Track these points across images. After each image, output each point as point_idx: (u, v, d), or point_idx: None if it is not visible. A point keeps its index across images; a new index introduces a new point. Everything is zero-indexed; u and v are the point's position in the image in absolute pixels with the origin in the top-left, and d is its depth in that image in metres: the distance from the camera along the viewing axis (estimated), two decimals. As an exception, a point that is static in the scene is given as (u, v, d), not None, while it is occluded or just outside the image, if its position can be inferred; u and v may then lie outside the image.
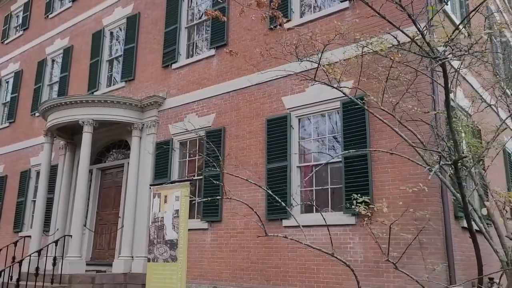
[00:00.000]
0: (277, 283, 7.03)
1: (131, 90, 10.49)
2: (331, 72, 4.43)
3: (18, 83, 14.31)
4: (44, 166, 10.52)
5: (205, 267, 8.00)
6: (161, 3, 10.39)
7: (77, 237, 8.91)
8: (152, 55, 10.27)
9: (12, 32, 15.73)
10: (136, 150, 9.59)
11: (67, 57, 12.65)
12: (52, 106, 9.79)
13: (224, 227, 7.92)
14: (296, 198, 7.15)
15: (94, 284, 8.48)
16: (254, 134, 7.91)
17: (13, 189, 12.93)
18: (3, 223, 12.97)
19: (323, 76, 5.59)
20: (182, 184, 6.50)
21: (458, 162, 3.06)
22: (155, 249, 6.53)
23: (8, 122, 14.13)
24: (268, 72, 7.36)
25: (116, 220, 10.09)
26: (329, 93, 6.73)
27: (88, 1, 12.58)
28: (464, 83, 7.15)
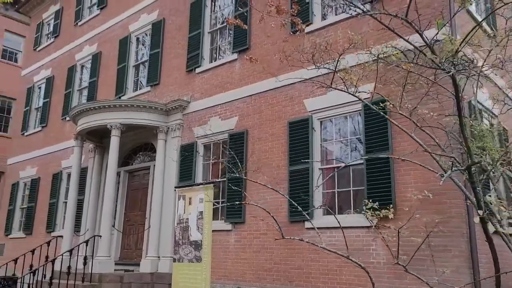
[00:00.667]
0: (300, 284, 7.11)
1: (156, 94, 10.77)
2: (348, 78, 4.48)
3: (50, 88, 14.86)
4: (74, 169, 10.91)
5: (229, 267, 8.15)
6: (185, 9, 10.62)
7: (106, 237, 9.22)
8: (176, 59, 10.51)
9: (44, 39, 16.33)
10: (162, 153, 9.84)
11: (95, 63, 13.06)
12: (82, 111, 10.16)
13: (247, 228, 8.05)
14: (319, 200, 7.22)
15: (123, 283, 8.75)
16: (276, 137, 8.01)
17: (46, 191, 13.44)
18: (36, 224, 13.48)
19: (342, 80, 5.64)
20: (206, 186, 6.66)
21: (472, 167, 3.08)
22: (180, 249, 6.72)
23: (41, 126, 14.69)
24: (289, 75, 7.44)
25: (143, 221, 10.37)
26: (350, 96, 6.75)
27: (115, 9, 12.96)
28: (489, 83, 7.05)
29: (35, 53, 16.47)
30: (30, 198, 14.10)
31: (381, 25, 6.43)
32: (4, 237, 14.77)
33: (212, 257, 8.18)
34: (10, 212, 14.81)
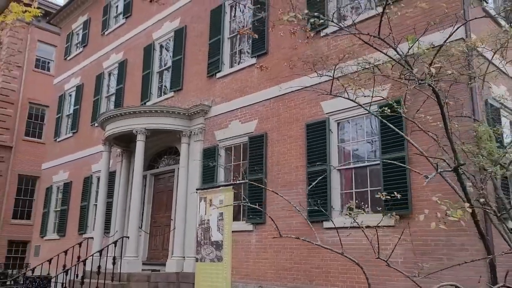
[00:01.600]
0: (320, 283, 7.24)
1: (179, 100, 11.11)
2: (349, 84, 4.61)
3: (80, 96, 15.49)
4: (103, 173, 11.37)
5: (251, 267, 8.36)
6: (205, 16, 10.91)
7: (133, 238, 9.60)
8: (198, 65, 10.82)
9: (74, 49, 17.02)
10: (185, 156, 10.16)
11: (121, 70, 13.56)
12: (109, 117, 10.60)
13: (268, 228, 8.24)
14: (337, 200, 7.34)
15: (150, 282, 9.10)
16: (294, 139, 8.17)
17: (77, 194, 14.03)
18: (69, 226, 14.09)
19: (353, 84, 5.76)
20: (225, 188, 6.89)
21: (458, 168, 3.18)
22: (202, 249, 6.97)
23: (72, 132, 15.33)
24: (303, 79, 7.58)
25: (169, 222, 10.72)
26: (366, 97, 6.86)
27: (139, 17, 13.42)
28: (508, 80, 7.01)
29: (65, 62, 17.19)
30: (63, 201, 14.74)
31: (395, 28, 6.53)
32: (40, 239, 15.49)
33: (234, 257, 8.42)
34: (45, 215, 15.52)
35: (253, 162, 8.76)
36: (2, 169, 20.51)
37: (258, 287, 8.14)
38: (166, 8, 12.33)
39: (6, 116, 20.93)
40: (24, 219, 20.59)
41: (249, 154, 8.90)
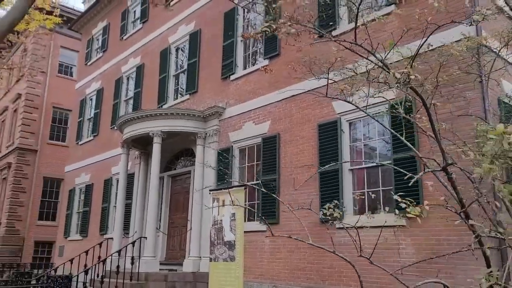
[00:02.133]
0: (333, 283, 7.27)
1: (194, 102, 11.28)
2: (345, 87, 4.64)
3: (100, 100, 15.88)
4: (121, 175, 11.65)
5: (265, 267, 8.44)
6: (219, 19, 11.06)
7: (151, 239, 9.81)
8: (212, 68, 10.97)
9: (94, 54, 17.46)
10: (201, 158, 10.32)
11: (139, 74, 13.85)
12: (126, 120, 10.86)
13: (281, 229, 8.30)
14: (349, 200, 7.36)
15: (167, 282, 9.29)
16: (306, 139, 8.22)
17: (98, 196, 14.39)
18: (91, 227, 14.47)
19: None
20: (237, 189, 7.00)
21: (447, 168, 3.19)
22: (215, 249, 7.10)
23: (93, 135, 15.73)
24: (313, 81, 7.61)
25: (186, 223, 10.90)
26: (377, 98, 6.86)
27: (155, 22, 13.68)
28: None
29: (86, 67, 17.64)
30: (85, 203, 15.14)
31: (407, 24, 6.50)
32: (64, 239, 15.95)
33: (249, 257, 8.52)
34: (68, 217, 15.97)
35: (267, 162, 8.85)
36: (28, 172, 21.18)
37: (272, 286, 8.22)
38: (181, 12, 12.54)
39: (31, 120, 21.61)
40: (49, 221, 21.20)
41: (263, 155, 8.99)
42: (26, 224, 20.71)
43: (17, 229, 20.53)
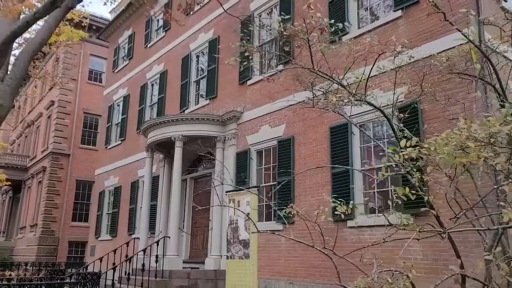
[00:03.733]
0: (344, 280, 7.50)
1: (214, 107, 11.73)
2: (337, 95, 4.92)
3: (126, 105, 16.59)
4: (146, 178, 12.22)
5: (282, 265, 8.77)
6: (236, 26, 11.45)
7: (174, 238, 10.31)
8: (230, 73, 11.38)
9: (121, 61, 18.22)
10: (220, 160, 10.74)
11: (163, 81, 14.43)
12: (150, 125, 11.42)
13: (296, 227, 8.61)
14: (360, 200, 7.60)
15: (190, 279, 9.74)
16: (319, 142, 8.50)
17: (126, 198, 15.06)
18: (120, 227, 15.16)
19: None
20: (251, 191, 7.36)
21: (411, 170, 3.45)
22: (232, 248, 7.49)
23: (120, 140, 16.45)
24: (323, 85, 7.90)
25: (207, 223, 11.35)
26: (384, 100, 7.09)
27: (177, 30, 14.21)
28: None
29: (114, 75, 18.43)
30: (114, 205, 15.87)
31: (412, 31, 6.72)
32: (95, 239, 16.74)
33: (266, 255, 8.88)
34: (98, 218, 16.76)
35: (282, 164, 9.18)
36: (62, 175, 22.25)
37: (289, 283, 8.54)
38: (200, 20, 13.03)
39: (63, 126, 22.68)
40: (82, 222, 22.19)
41: (278, 157, 9.33)
42: (60, 225, 21.77)
43: (52, 230, 21.61)
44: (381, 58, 5.96)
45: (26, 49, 5.41)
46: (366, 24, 8.38)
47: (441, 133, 2.85)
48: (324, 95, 4.84)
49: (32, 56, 5.48)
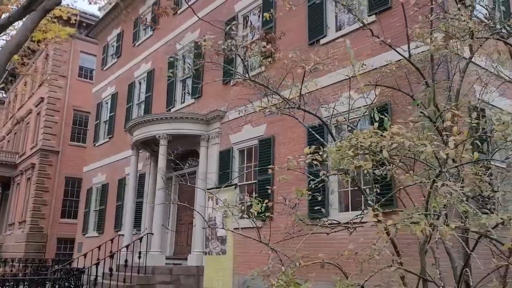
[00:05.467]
0: (321, 274, 7.75)
1: (199, 106, 11.92)
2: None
3: (114, 103, 16.72)
4: (131, 175, 12.40)
5: (260, 261, 8.98)
6: (221, 26, 11.63)
7: (157, 235, 10.50)
8: (215, 73, 11.56)
9: (109, 59, 18.33)
10: (204, 158, 10.95)
11: (150, 79, 14.58)
12: (135, 124, 11.59)
13: (276, 225, 8.83)
14: (334, 198, 7.84)
15: (172, 275, 9.95)
16: (297, 141, 8.73)
17: (113, 195, 15.21)
18: (107, 224, 15.31)
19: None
20: (229, 188, 7.57)
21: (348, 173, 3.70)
22: (210, 244, 7.70)
23: (108, 137, 16.59)
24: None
25: (192, 220, 11.55)
26: (362, 102, 7.34)
27: (165, 29, 14.35)
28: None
29: (102, 72, 18.53)
30: (101, 202, 16.01)
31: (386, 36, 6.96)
32: (82, 236, 16.87)
33: (244, 252, 9.09)
34: (86, 214, 16.89)
35: (263, 163, 9.39)
36: (51, 172, 22.31)
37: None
38: (187, 20, 13.20)
39: (53, 123, 22.73)
40: (71, 218, 22.26)
41: (259, 155, 9.54)
42: (49, 222, 21.84)
43: (41, 226, 21.67)
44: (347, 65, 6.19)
45: (2, 51, 5.56)
46: (344, 27, 8.62)
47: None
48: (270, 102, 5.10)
49: (9, 57, 5.62)
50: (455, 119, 2.66)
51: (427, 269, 3.80)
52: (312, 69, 4.40)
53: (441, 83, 6.28)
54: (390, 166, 3.41)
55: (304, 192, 3.38)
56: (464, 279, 3.68)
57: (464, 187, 2.54)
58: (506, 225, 2.43)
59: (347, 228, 3.53)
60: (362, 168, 2.81)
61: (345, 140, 2.92)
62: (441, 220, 2.42)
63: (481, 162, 3.19)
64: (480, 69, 6.58)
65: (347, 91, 7.37)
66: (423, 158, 2.52)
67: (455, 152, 2.33)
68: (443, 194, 2.35)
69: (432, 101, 3.51)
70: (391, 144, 2.59)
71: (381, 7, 7.61)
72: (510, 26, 3.64)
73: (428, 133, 2.76)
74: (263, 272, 3.14)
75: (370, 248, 2.90)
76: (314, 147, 3.20)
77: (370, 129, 2.86)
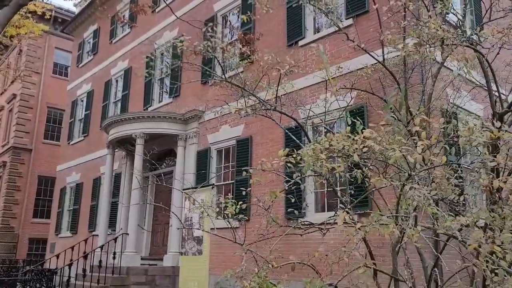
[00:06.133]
0: (295, 275, 7.82)
1: (177, 105, 11.84)
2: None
3: (90, 101, 16.43)
4: (107, 174, 12.21)
5: (236, 261, 8.99)
6: (200, 26, 11.58)
7: (133, 235, 10.37)
8: (193, 73, 11.49)
9: (85, 56, 17.99)
10: (181, 158, 10.87)
11: (127, 77, 14.39)
12: (111, 122, 11.42)
13: (252, 225, 8.86)
14: (311, 199, 7.92)
15: (147, 276, 9.85)
16: (275, 142, 8.78)
17: (88, 194, 14.95)
18: (81, 224, 15.03)
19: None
20: (206, 189, 7.55)
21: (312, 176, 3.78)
22: (186, 244, 7.66)
23: (83, 136, 16.29)
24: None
25: (168, 220, 11.46)
26: (337, 104, 7.43)
27: (143, 27, 14.20)
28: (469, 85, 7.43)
29: (78, 69, 18.19)
30: (75, 201, 15.71)
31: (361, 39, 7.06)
32: (55, 236, 16.51)
33: (221, 252, 9.09)
34: (59, 214, 16.54)
35: (240, 163, 9.40)
36: (23, 171, 21.74)
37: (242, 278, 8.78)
38: (165, 18, 13.09)
39: (26, 120, 22.16)
40: (44, 218, 21.75)
41: (237, 156, 9.55)
42: (20, 221, 21.27)
43: (12, 226, 21.09)
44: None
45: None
46: (322, 30, 8.71)
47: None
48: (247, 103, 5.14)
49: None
50: (423, 124, 2.73)
51: (399, 269, 3.89)
52: (287, 71, 4.42)
53: (416, 87, 6.44)
54: (361, 168, 3.48)
55: (277, 194, 3.40)
56: (434, 278, 3.78)
57: (432, 191, 2.61)
58: (470, 228, 2.51)
59: (320, 229, 3.55)
60: (334, 171, 2.86)
61: (319, 143, 2.96)
62: (410, 222, 2.48)
63: (450, 165, 3.28)
64: (452, 73, 6.77)
65: (324, 93, 7.46)
66: (393, 162, 2.58)
67: (424, 156, 2.40)
68: (411, 197, 2.41)
69: (403, 105, 3.59)
70: (362, 148, 2.65)
71: (358, 11, 7.73)
72: (477, 34, 3.77)
73: (398, 137, 2.83)
74: (236, 274, 3.15)
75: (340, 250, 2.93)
76: (289, 150, 3.23)
77: (342, 133, 2.91)
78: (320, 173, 3.18)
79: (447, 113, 5.81)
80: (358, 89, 5.74)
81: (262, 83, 5.29)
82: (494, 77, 4.20)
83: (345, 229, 2.74)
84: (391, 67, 5.45)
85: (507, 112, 3.88)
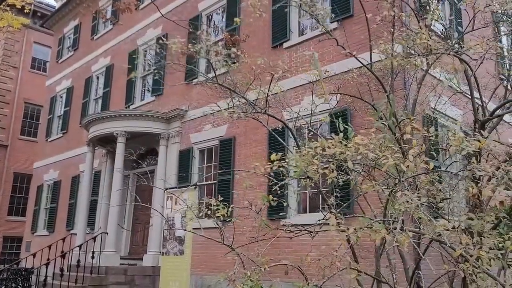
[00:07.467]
0: (278, 275, 7.86)
1: (160, 104, 11.74)
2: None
3: (70, 98, 16.13)
4: (86, 172, 12.02)
5: (219, 261, 8.98)
6: (184, 24, 11.51)
7: (112, 234, 10.23)
8: (178, 71, 11.42)
9: (65, 52, 17.66)
10: (163, 157, 10.79)
11: (108, 75, 14.19)
12: (92, 120, 11.24)
13: (235, 226, 8.85)
14: (293, 200, 7.97)
15: (127, 275, 9.74)
16: (259, 143, 8.80)
17: (66, 192, 14.68)
18: (58, 223, 14.74)
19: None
20: (188, 189, 7.52)
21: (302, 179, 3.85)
22: (167, 244, 7.61)
23: (62, 133, 15.98)
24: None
25: (149, 219, 11.35)
26: (323, 106, 7.50)
27: (126, 24, 14.01)
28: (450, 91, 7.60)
29: (57, 65, 17.83)
30: (52, 199, 15.40)
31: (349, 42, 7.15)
32: (31, 235, 16.16)
33: (205, 252, 9.06)
34: (36, 212, 16.19)
35: (223, 164, 9.39)
36: (-2, 167, 21.21)
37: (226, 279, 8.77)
38: (150, 15, 12.96)
39: (2, 115, 21.59)
40: (19, 216, 21.25)
41: (220, 156, 9.54)
42: (-6, 219, 20.76)
43: (-15, 224, 20.56)
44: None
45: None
46: (307, 32, 8.77)
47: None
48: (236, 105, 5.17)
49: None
50: (413, 132, 2.80)
51: (382, 271, 3.96)
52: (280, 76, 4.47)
53: (398, 91, 6.56)
54: (349, 173, 3.53)
55: (269, 199, 3.42)
56: (415, 280, 3.86)
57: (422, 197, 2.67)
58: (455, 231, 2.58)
59: (310, 233, 3.58)
60: (327, 176, 2.90)
61: (310, 148, 2.99)
62: (398, 226, 2.53)
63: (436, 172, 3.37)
64: (434, 79, 6.92)
65: (309, 95, 7.53)
66: (385, 169, 2.63)
67: (416, 163, 2.45)
68: (402, 202, 2.46)
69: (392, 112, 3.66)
70: (357, 155, 2.69)
71: (343, 15, 7.82)
72: (460, 44, 3.90)
73: (390, 144, 2.88)
74: (229, 277, 3.16)
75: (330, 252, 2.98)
76: (275, 153, 3.24)
77: (336, 139, 2.95)
78: (311, 177, 3.21)
79: (428, 118, 5.94)
80: (345, 94, 5.81)
81: (249, 83, 5.29)
82: (478, 85, 4.32)
83: (338, 234, 2.78)
84: (376, 72, 5.54)
85: (489, 120, 4.00)
